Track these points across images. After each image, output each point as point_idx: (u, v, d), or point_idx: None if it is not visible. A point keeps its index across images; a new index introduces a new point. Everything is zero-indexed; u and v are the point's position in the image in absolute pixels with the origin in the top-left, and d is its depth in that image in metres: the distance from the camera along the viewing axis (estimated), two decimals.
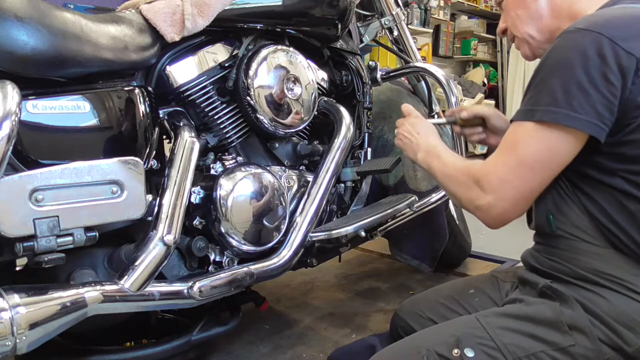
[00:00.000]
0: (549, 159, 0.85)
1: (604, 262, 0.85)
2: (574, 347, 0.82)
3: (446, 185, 1.03)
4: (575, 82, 0.81)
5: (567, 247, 0.90)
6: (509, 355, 0.84)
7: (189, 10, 1.16)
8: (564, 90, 0.82)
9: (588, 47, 0.81)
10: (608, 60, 0.80)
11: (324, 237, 1.34)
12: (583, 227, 0.88)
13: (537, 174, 0.86)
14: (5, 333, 0.84)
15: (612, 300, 0.82)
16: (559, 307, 0.86)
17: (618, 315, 0.81)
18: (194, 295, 1.11)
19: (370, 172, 1.51)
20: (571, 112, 0.81)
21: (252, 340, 1.59)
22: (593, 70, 0.80)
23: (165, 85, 1.22)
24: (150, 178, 1.12)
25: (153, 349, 1.22)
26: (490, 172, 0.89)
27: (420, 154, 1.13)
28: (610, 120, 0.82)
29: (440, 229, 1.87)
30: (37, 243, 0.91)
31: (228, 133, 1.30)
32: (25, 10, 0.91)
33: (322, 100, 1.50)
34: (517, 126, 0.88)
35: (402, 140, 1.20)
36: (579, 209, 0.89)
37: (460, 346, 0.86)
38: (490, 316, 0.91)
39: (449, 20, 5.54)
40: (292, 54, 1.37)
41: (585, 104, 0.81)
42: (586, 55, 0.81)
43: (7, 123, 0.84)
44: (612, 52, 0.80)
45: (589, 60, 0.81)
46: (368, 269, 2.26)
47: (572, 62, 0.82)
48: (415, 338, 0.97)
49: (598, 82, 0.80)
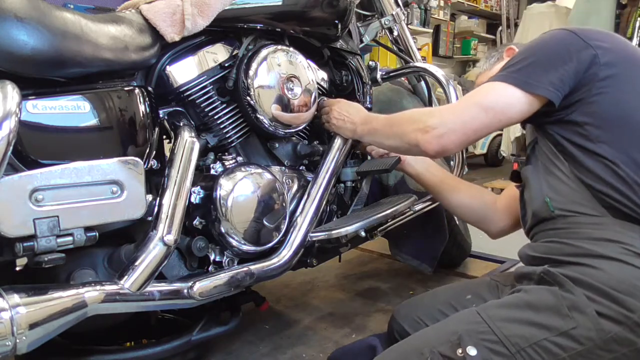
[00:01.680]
0: (500, 109, 0.99)
1: (603, 230, 0.88)
2: (575, 329, 0.82)
3: (392, 133, 1.18)
4: (539, 60, 0.98)
5: (566, 224, 0.94)
6: (512, 347, 0.84)
7: (189, 10, 1.16)
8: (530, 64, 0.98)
9: (558, 38, 1.00)
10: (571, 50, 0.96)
11: (324, 237, 1.34)
12: (579, 200, 0.93)
13: (488, 116, 0.99)
14: (5, 333, 0.84)
15: (609, 270, 0.82)
16: (559, 291, 0.86)
17: (617, 284, 0.81)
18: (194, 295, 1.11)
19: (370, 172, 1.51)
20: (530, 80, 0.97)
21: (252, 340, 1.59)
22: (556, 54, 0.97)
23: (165, 85, 1.22)
24: (150, 178, 1.12)
25: (153, 349, 1.22)
26: (444, 107, 1.07)
27: (359, 126, 1.32)
28: (563, 90, 0.96)
29: (440, 229, 1.87)
30: (37, 243, 0.91)
31: (228, 133, 1.30)
32: (25, 10, 0.90)
33: (322, 100, 1.50)
34: (485, 84, 1.02)
35: (336, 124, 1.38)
36: (574, 183, 0.94)
37: (462, 344, 0.86)
38: (491, 308, 0.91)
39: (449, 20, 5.54)
40: (292, 54, 1.37)
41: (542, 76, 0.96)
42: (555, 43, 0.99)
43: (7, 123, 0.83)
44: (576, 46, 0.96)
45: (556, 47, 0.98)
46: (368, 269, 2.26)
47: (542, 47, 1.01)
48: (417, 337, 0.97)
49: (557, 63, 0.96)
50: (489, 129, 1.02)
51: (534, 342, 0.84)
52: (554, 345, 0.83)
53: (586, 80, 0.94)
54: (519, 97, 0.97)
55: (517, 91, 0.97)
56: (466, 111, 1.01)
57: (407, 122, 1.13)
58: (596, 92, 0.94)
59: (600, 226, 0.89)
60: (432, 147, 1.04)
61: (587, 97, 0.94)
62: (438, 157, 1.10)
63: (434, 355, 0.87)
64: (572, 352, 0.82)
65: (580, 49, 0.96)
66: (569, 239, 0.91)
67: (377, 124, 1.27)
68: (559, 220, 0.96)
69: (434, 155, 1.06)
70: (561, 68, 0.95)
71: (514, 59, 1.02)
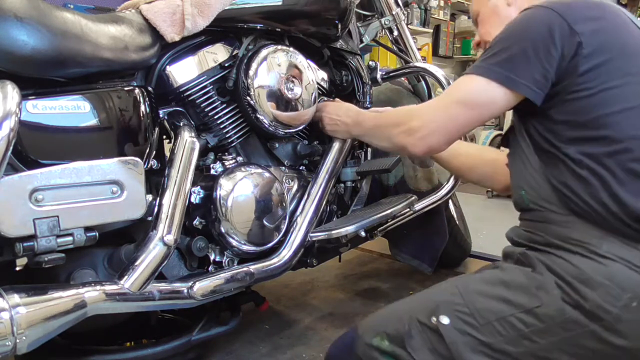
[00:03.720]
0: (481, 107, 0.98)
1: (570, 229, 0.90)
2: (539, 307, 0.86)
3: (380, 135, 1.21)
4: (522, 50, 0.92)
5: (539, 218, 0.96)
6: (481, 319, 0.90)
7: (189, 10, 1.16)
8: (512, 55, 0.93)
9: (541, 21, 0.93)
10: (555, 37, 0.90)
11: (324, 237, 1.34)
12: (548, 198, 0.94)
13: (470, 114, 0.99)
14: (5, 333, 0.84)
15: (575, 262, 0.86)
16: (531, 272, 0.90)
17: (578, 275, 0.85)
18: (194, 295, 1.11)
19: (370, 172, 1.51)
20: (511, 74, 0.93)
21: (252, 340, 1.59)
22: (539, 42, 0.91)
23: (165, 85, 1.22)
24: (150, 178, 1.12)
25: (153, 349, 1.22)
26: (424, 106, 1.05)
27: (352, 128, 1.33)
28: (546, 87, 0.92)
29: (440, 229, 1.87)
30: (37, 243, 0.91)
31: (228, 133, 1.30)
32: (25, 10, 0.91)
33: (322, 100, 1.50)
34: (465, 77, 0.99)
35: (330, 128, 1.41)
36: (543, 180, 0.95)
37: (436, 313, 0.92)
38: (469, 282, 0.97)
39: (449, 20, 5.54)
40: (292, 54, 1.37)
41: (526, 71, 0.92)
42: (537, 29, 0.92)
43: (7, 123, 0.84)
44: (560, 31, 0.90)
45: (539, 33, 0.92)
46: (368, 269, 2.26)
47: (524, 33, 0.94)
48: (399, 304, 1.03)
49: (541, 54, 0.91)
50: (472, 126, 1.03)
51: (501, 317, 0.89)
52: (518, 321, 0.87)
53: (566, 74, 0.91)
54: (501, 94, 0.95)
55: (499, 88, 0.94)
56: (448, 110, 1.01)
57: (392, 125, 1.15)
58: (574, 89, 0.90)
59: (567, 224, 0.90)
60: (418, 149, 1.07)
61: (563, 94, 0.91)
62: (428, 156, 1.10)
63: (412, 321, 0.94)
64: (533, 328, 0.87)
65: (564, 36, 0.90)
66: (542, 232, 0.94)
67: (367, 125, 1.29)
68: (534, 212, 0.98)
69: (423, 155, 1.08)
70: (545, 60, 0.91)
71: (495, 47, 0.97)
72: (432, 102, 1.06)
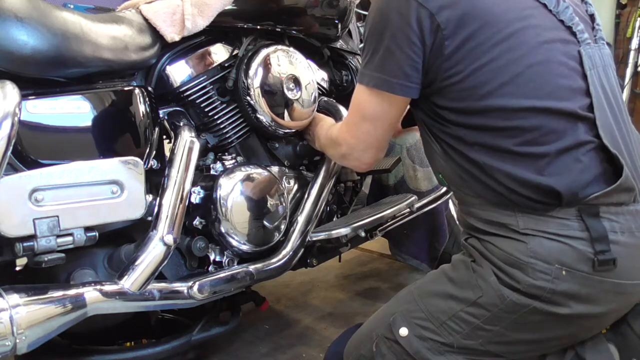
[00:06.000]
0: (383, 117, 0.96)
1: (487, 212, 0.90)
2: (482, 297, 0.87)
3: (326, 152, 1.28)
4: (384, 45, 0.88)
5: (460, 200, 0.97)
6: (435, 321, 0.91)
7: (189, 10, 1.16)
8: (378, 54, 0.89)
9: (392, 8, 0.87)
10: (410, 20, 0.84)
11: (324, 237, 1.34)
12: (455, 182, 0.94)
13: (378, 127, 0.98)
14: (5, 333, 0.84)
15: (500, 245, 0.87)
16: (471, 263, 0.91)
17: (506, 258, 0.86)
18: (194, 295, 1.11)
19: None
20: (384, 76, 0.89)
21: (252, 340, 1.59)
22: (397, 32, 0.86)
23: (165, 85, 1.22)
24: (150, 178, 1.12)
25: (153, 349, 1.22)
26: (342, 131, 1.07)
27: (315, 140, 1.36)
28: (419, 78, 0.88)
29: (440, 229, 1.87)
30: (37, 243, 0.91)
31: (228, 133, 1.30)
32: (25, 10, 0.91)
33: (322, 100, 1.50)
34: (358, 88, 0.97)
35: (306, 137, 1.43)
36: (447, 165, 0.94)
37: (395, 326, 0.93)
38: (423, 284, 0.99)
39: None
40: (292, 54, 1.37)
41: (394, 66, 0.88)
42: (389, 17, 0.87)
43: (7, 123, 0.84)
44: (412, 11, 0.84)
45: (392, 21, 0.86)
46: (368, 269, 2.26)
47: (380, 25, 0.89)
48: (370, 321, 1.03)
49: (402, 43, 0.86)
50: (389, 132, 1.02)
51: (452, 315, 0.90)
52: (468, 315, 0.88)
53: (434, 59, 0.85)
54: (388, 100, 0.92)
55: (382, 95, 0.92)
56: (360, 129, 1.00)
57: (331, 148, 1.19)
58: (445, 76, 0.85)
59: (481, 207, 0.90)
60: (360, 167, 1.10)
61: (437, 82, 0.87)
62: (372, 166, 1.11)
63: (379, 339, 0.95)
64: (483, 318, 0.88)
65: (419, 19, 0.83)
66: (467, 215, 0.94)
67: (319, 143, 1.32)
68: (455, 194, 0.99)
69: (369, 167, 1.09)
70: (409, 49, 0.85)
71: (366, 49, 0.92)
72: (347, 121, 1.06)
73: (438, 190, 1.75)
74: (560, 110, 0.83)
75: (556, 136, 0.83)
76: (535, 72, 0.84)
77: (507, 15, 0.84)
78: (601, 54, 0.90)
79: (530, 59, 0.84)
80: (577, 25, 0.88)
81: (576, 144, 0.83)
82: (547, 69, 0.84)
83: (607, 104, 0.86)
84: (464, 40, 0.83)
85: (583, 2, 0.97)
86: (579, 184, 0.82)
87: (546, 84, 0.84)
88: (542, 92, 0.83)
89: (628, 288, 0.85)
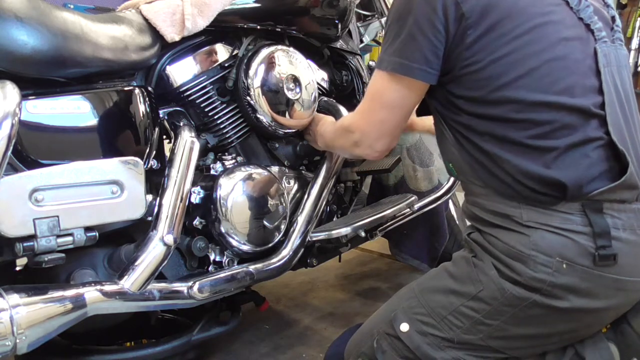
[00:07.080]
0: (401, 103, 0.96)
1: (492, 202, 0.90)
2: (482, 291, 0.88)
3: (338, 147, 1.24)
4: (407, 30, 0.89)
5: (468, 191, 0.97)
6: (436, 316, 0.92)
7: (189, 10, 1.16)
8: (399, 39, 0.90)
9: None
10: (436, 6, 0.86)
11: (324, 237, 1.34)
12: (465, 171, 0.94)
13: (395, 114, 0.98)
14: (5, 333, 0.84)
15: (502, 237, 0.87)
16: (472, 258, 0.92)
17: (508, 251, 0.86)
18: (194, 295, 1.11)
19: (370, 172, 1.51)
20: (404, 61, 0.90)
21: (252, 340, 1.59)
22: (421, 17, 0.87)
23: (165, 85, 1.22)
24: (150, 178, 1.12)
25: (153, 349, 1.22)
26: (357, 118, 1.06)
27: (318, 139, 1.34)
28: (439, 65, 0.89)
29: (440, 229, 1.87)
30: (37, 243, 0.91)
31: (228, 133, 1.30)
32: (25, 10, 0.91)
33: (322, 100, 1.50)
34: (376, 74, 0.97)
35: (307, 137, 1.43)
36: (458, 153, 0.94)
37: (396, 322, 0.94)
38: (424, 281, 0.99)
39: None
40: (292, 53, 1.37)
41: (415, 51, 0.89)
42: (414, 2, 0.88)
43: (7, 123, 0.84)
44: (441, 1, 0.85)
45: (418, 7, 0.88)
46: (368, 269, 2.26)
47: (405, 11, 0.90)
48: (372, 319, 1.04)
49: (426, 29, 0.87)
50: (405, 119, 1.01)
51: (453, 310, 0.91)
52: (468, 309, 0.89)
53: (455, 47, 0.87)
54: (407, 85, 0.92)
55: (402, 80, 0.92)
56: (376, 116, 1.00)
57: (341, 138, 1.16)
58: (464, 64, 0.87)
59: (487, 197, 0.91)
60: (372, 155, 1.09)
61: (455, 70, 0.88)
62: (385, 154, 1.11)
63: (380, 335, 0.96)
64: (484, 312, 0.88)
65: (445, 6, 0.85)
66: (473, 205, 0.95)
67: (324, 138, 1.31)
68: (464, 185, 0.99)
69: (381, 156, 1.09)
70: (432, 35, 0.86)
71: (388, 34, 0.94)
72: (362, 109, 1.04)
73: (438, 190, 1.75)
74: (574, 107, 0.84)
75: (567, 131, 0.84)
76: (552, 68, 0.85)
77: (530, 9, 0.86)
78: (617, 54, 0.91)
79: (548, 54, 0.85)
80: (595, 24, 0.89)
81: (586, 139, 0.84)
82: (564, 65, 0.85)
83: (618, 102, 0.87)
84: (486, 30, 0.84)
85: (605, 5, 0.98)
86: (585, 179, 0.83)
87: (562, 80, 0.85)
88: (557, 88, 0.84)
89: (628, 285, 0.85)
